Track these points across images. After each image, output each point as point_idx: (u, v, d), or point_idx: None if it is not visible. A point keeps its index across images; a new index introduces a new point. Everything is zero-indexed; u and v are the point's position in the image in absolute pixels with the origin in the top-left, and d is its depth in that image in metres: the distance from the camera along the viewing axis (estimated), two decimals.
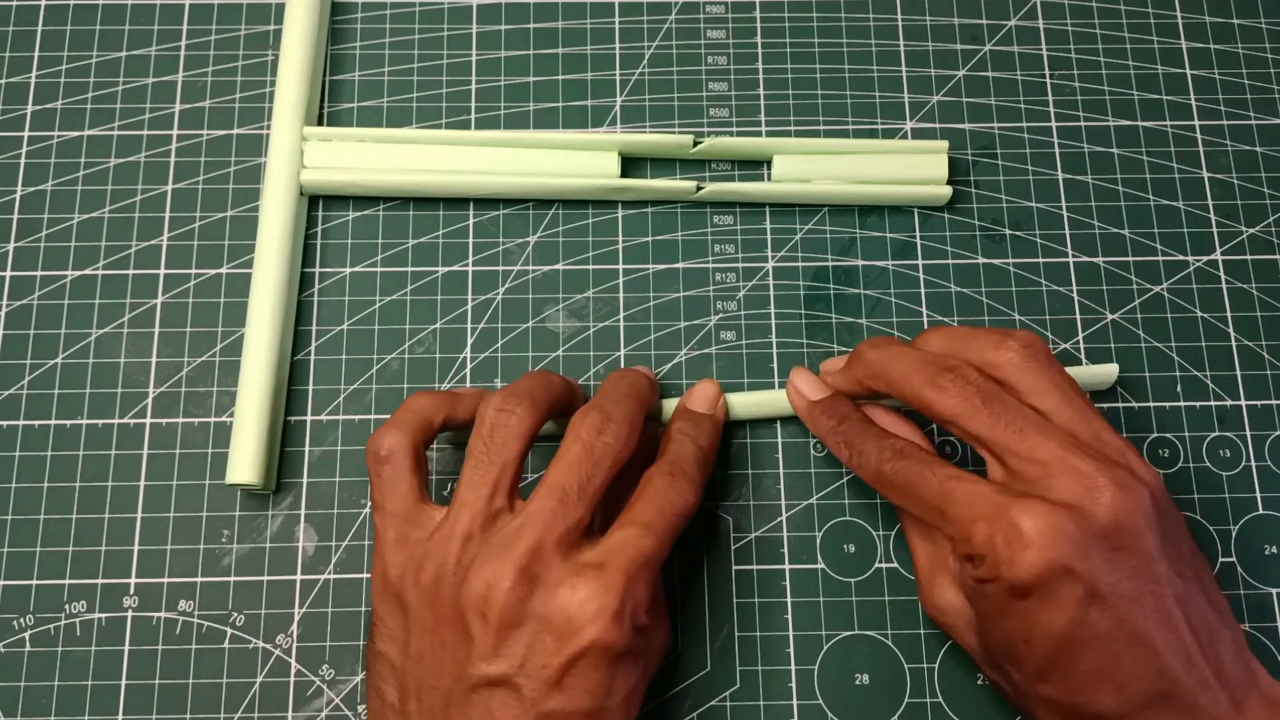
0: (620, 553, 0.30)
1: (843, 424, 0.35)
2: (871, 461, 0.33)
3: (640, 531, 0.31)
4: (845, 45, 0.43)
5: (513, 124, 0.42)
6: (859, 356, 0.35)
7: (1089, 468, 0.29)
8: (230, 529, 0.37)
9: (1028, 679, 0.30)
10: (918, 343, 0.34)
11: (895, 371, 0.33)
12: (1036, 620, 0.29)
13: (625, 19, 0.43)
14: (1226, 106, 0.42)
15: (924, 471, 0.31)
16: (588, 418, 0.32)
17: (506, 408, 0.32)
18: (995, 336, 0.33)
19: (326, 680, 0.35)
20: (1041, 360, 0.32)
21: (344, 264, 0.40)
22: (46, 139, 0.41)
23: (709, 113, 0.42)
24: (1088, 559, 0.28)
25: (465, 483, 0.31)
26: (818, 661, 0.36)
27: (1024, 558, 0.28)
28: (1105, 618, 0.28)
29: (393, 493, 0.32)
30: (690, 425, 0.35)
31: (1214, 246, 0.41)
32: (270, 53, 0.42)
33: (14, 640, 0.35)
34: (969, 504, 0.30)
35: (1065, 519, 0.28)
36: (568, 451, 0.31)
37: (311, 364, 0.39)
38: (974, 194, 0.41)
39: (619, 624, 0.29)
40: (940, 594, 0.33)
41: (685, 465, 0.33)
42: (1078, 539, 0.28)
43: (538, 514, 0.30)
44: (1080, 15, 0.44)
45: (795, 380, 0.37)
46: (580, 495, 0.31)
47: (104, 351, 0.38)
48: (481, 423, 0.32)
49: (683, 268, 0.40)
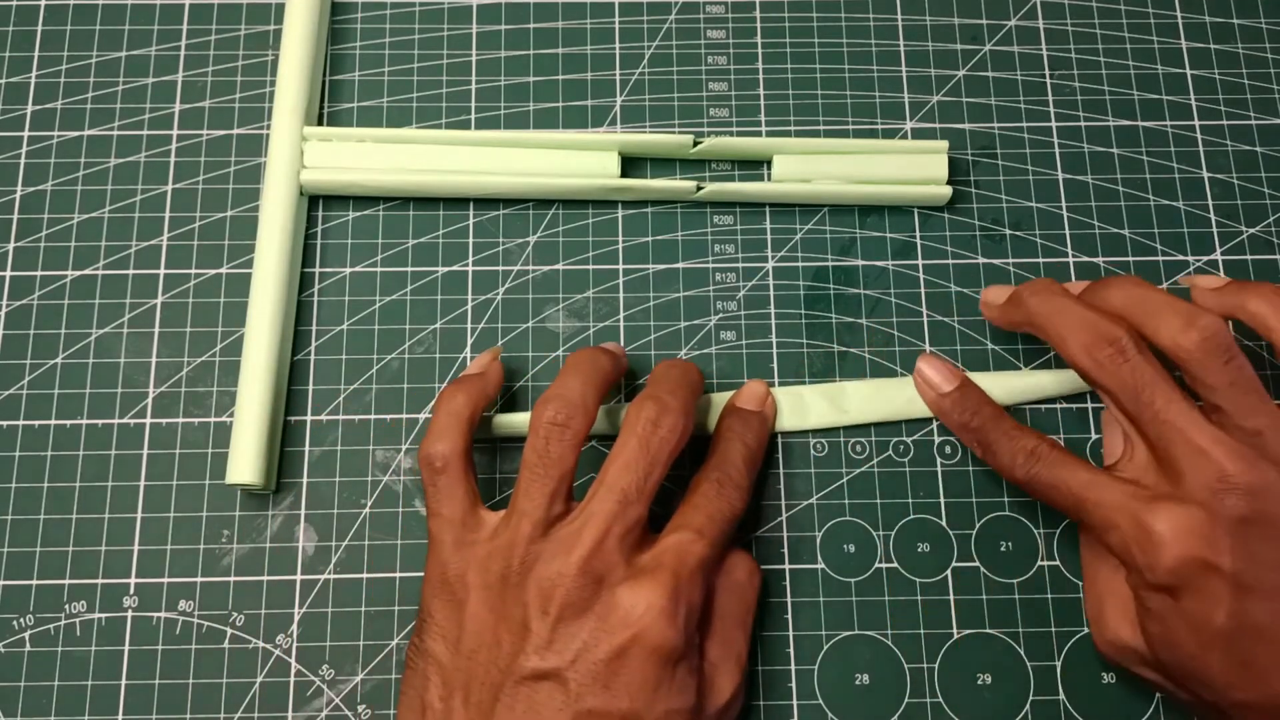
0: (674, 555, 0.31)
1: (974, 418, 0.35)
2: (1005, 464, 0.34)
3: (692, 536, 0.31)
4: (845, 45, 0.43)
5: (513, 124, 0.42)
6: (1019, 303, 0.34)
7: (1226, 462, 0.29)
8: (230, 529, 0.37)
9: (1220, 690, 0.30)
10: (1094, 291, 0.34)
11: (1056, 326, 0.33)
12: (1199, 623, 0.29)
13: (625, 19, 0.43)
14: (1226, 106, 0.42)
15: (1056, 477, 0.32)
16: (644, 410, 0.32)
17: (559, 421, 0.32)
18: (1181, 319, 0.31)
19: (326, 680, 0.35)
20: (1220, 354, 0.31)
21: (344, 264, 0.40)
22: (46, 139, 0.41)
23: (709, 113, 0.42)
24: (1223, 552, 0.29)
25: (523, 493, 0.32)
26: (818, 661, 0.36)
27: (1160, 559, 0.29)
28: (1264, 608, 0.28)
29: (450, 499, 0.32)
30: (740, 423, 0.35)
31: (1214, 246, 0.41)
32: (270, 53, 0.42)
33: (14, 640, 0.36)
34: (1102, 514, 0.31)
35: (1195, 515, 0.29)
36: (625, 447, 0.32)
37: (311, 364, 0.39)
38: (974, 194, 0.41)
39: (671, 623, 0.29)
40: (1114, 630, 0.33)
41: (733, 471, 0.34)
42: (1209, 534, 0.29)
43: (599, 515, 0.31)
44: (1080, 15, 0.44)
45: (923, 368, 0.37)
46: (639, 494, 0.31)
47: (104, 351, 0.38)
48: (535, 433, 0.32)
49: (683, 268, 0.40)
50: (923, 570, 0.37)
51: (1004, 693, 0.35)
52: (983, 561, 0.37)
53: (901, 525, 0.37)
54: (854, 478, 0.38)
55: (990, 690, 0.35)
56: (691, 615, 0.30)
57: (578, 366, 0.34)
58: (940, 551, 0.37)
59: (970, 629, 0.36)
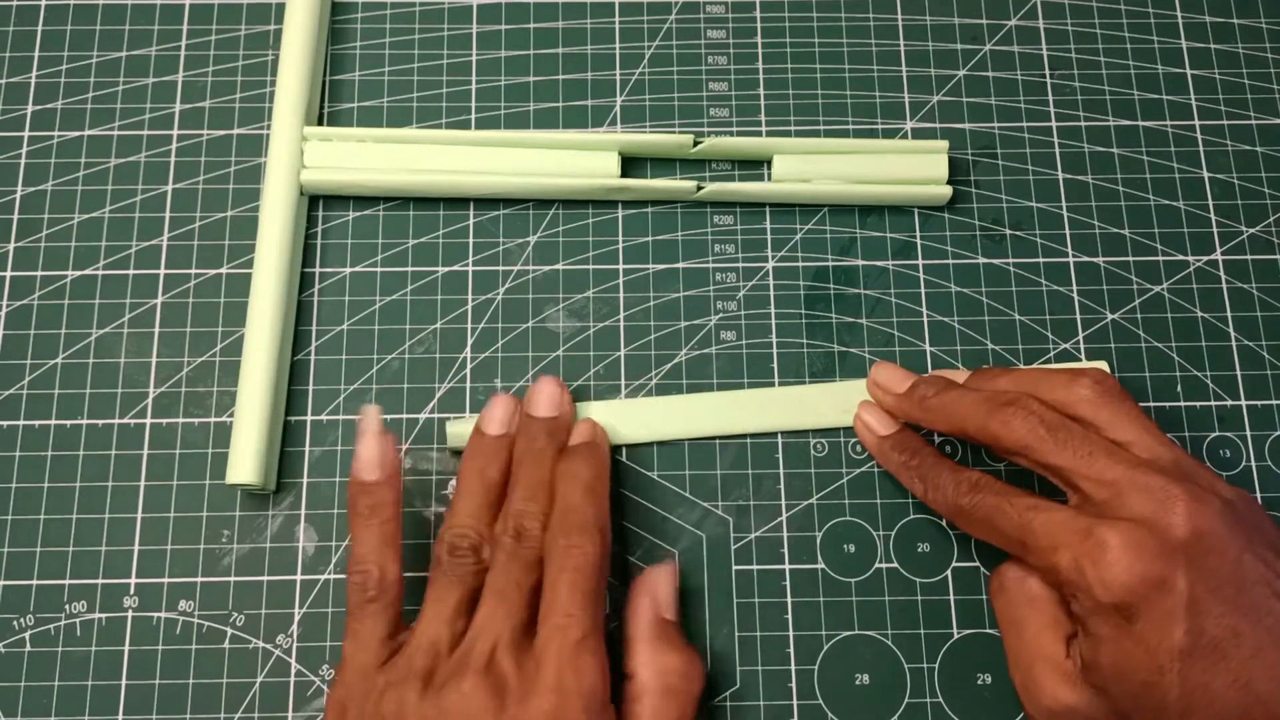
0: (554, 656, 0.30)
1: (914, 458, 0.35)
2: (949, 496, 0.33)
3: (563, 625, 0.30)
4: (845, 45, 0.43)
5: (513, 124, 0.42)
6: (920, 403, 0.35)
7: (1159, 482, 0.29)
8: (230, 529, 0.37)
9: (1174, 717, 0.28)
10: (975, 380, 0.35)
11: (956, 412, 0.33)
12: (1155, 645, 0.28)
13: (625, 19, 0.43)
14: (1226, 106, 0.42)
15: (1002, 503, 0.31)
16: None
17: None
18: (1065, 376, 0.33)
19: (326, 680, 0.35)
20: (1115, 394, 0.32)
21: (344, 264, 0.40)
22: (46, 139, 0.41)
23: (709, 113, 0.42)
24: (1177, 568, 0.28)
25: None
26: (818, 661, 0.36)
27: (1113, 576, 0.28)
28: (1221, 626, 0.28)
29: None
30: (566, 459, 0.34)
31: (1214, 246, 0.41)
32: (270, 53, 0.42)
33: (14, 640, 0.35)
34: (1049, 532, 0.30)
35: (1144, 533, 0.28)
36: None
37: (311, 364, 0.39)
38: (974, 194, 0.41)
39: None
40: (1051, 694, 0.31)
41: (574, 517, 0.32)
42: (1160, 551, 0.28)
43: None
44: (1080, 15, 0.44)
45: (863, 415, 0.37)
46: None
47: (104, 351, 0.38)
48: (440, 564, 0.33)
49: (683, 268, 0.40)
50: (923, 570, 0.37)
51: (1004, 693, 0.35)
52: (983, 561, 0.37)
53: (901, 525, 0.37)
54: (854, 478, 0.38)
55: (990, 690, 0.35)
56: (591, 705, 0.29)
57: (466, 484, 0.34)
58: (940, 551, 0.37)
59: (970, 629, 0.36)
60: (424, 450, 0.38)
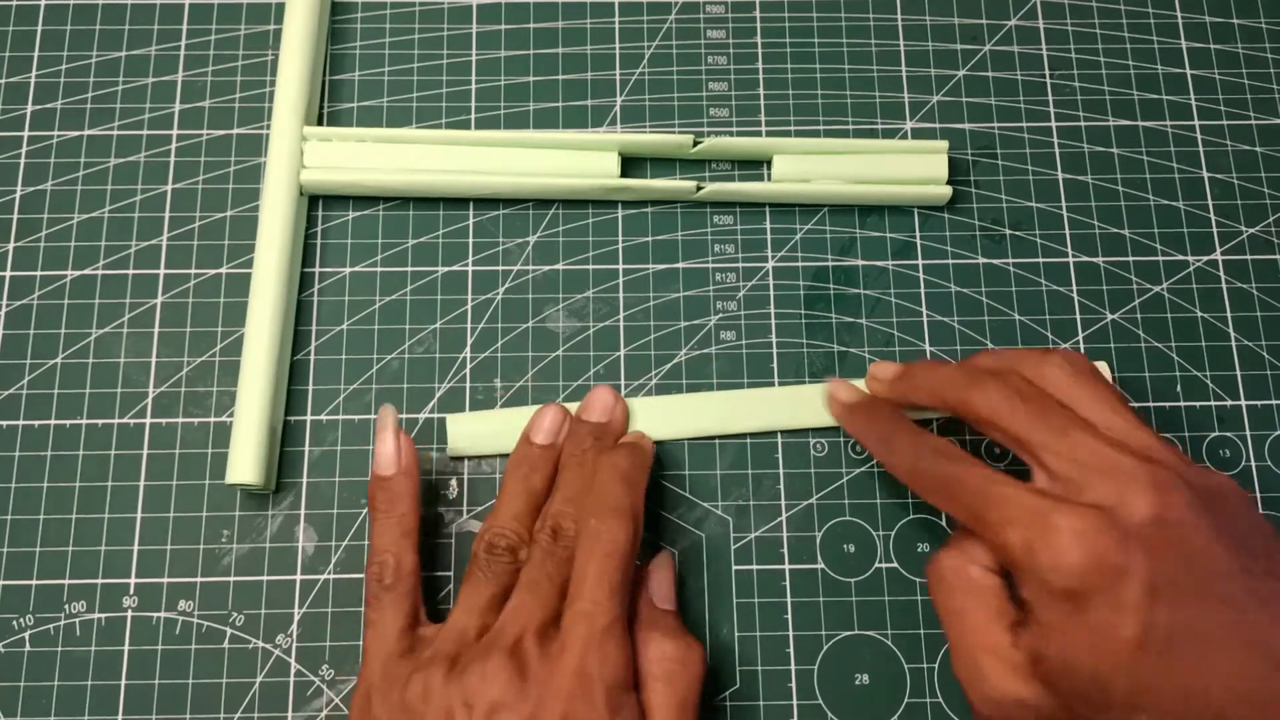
0: (579, 641, 0.30)
1: (877, 420, 0.34)
2: (907, 458, 0.32)
3: (589, 610, 0.30)
4: (845, 45, 0.43)
5: (513, 124, 0.42)
6: (907, 376, 0.35)
7: (1128, 464, 0.28)
8: (230, 529, 0.37)
9: (1122, 712, 0.27)
10: (965, 361, 0.35)
11: (939, 381, 0.33)
12: (1106, 635, 0.27)
13: (625, 19, 0.43)
14: (1226, 106, 0.42)
15: (960, 471, 0.30)
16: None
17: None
18: (1038, 353, 0.32)
19: (326, 680, 0.35)
20: (1087, 374, 0.32)
21: (344, 264, 0.40)
22: (46, 139, 0.41)
23: (709, 113, 0.42)
24: (1134, 555, 0.27)
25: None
26: (818, 661, 0.36)
27: (1065, 560, 0.27)
28: (1176, 618, 0.26)
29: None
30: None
31: (1214, 246, 0.41)
32: (270, 53, 0.42)
33: (14, 640, 0.35)
34: (1004, 507, 0.29)
35: (1102, 518, 0.27)
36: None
37: (311, 364, 0.39)
38: (974, 194, 0.41)
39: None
40: (998, 685, 0.29)
41: (608, 499, 0.32)
42: (1119, 536, 0.27)
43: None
44: (1080, 15, 0.44)
45: (831, 388, 0.37)
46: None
47: (104, 351, 0.38)
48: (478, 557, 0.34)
49: (683, 268, 0.40)
50: (923, 570, 0.37)
51: None
52: None
53: (901, 525, 0.37)
54: (854, 478, 0.38)
55: None
56: (613, 691, 0.30)
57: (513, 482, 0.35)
58: None
59: None
60: (424, 450, 0.38)
